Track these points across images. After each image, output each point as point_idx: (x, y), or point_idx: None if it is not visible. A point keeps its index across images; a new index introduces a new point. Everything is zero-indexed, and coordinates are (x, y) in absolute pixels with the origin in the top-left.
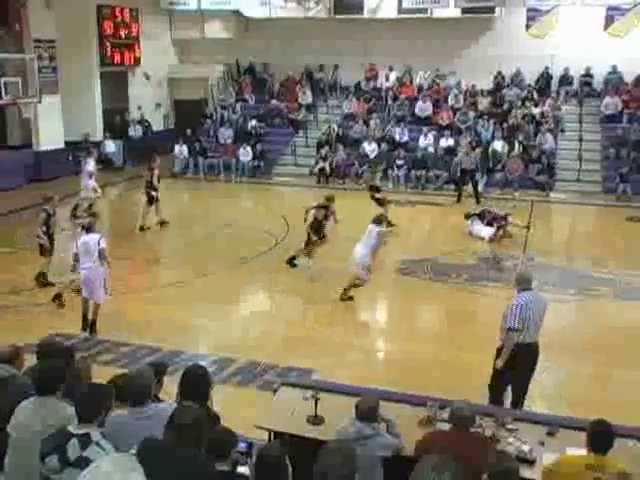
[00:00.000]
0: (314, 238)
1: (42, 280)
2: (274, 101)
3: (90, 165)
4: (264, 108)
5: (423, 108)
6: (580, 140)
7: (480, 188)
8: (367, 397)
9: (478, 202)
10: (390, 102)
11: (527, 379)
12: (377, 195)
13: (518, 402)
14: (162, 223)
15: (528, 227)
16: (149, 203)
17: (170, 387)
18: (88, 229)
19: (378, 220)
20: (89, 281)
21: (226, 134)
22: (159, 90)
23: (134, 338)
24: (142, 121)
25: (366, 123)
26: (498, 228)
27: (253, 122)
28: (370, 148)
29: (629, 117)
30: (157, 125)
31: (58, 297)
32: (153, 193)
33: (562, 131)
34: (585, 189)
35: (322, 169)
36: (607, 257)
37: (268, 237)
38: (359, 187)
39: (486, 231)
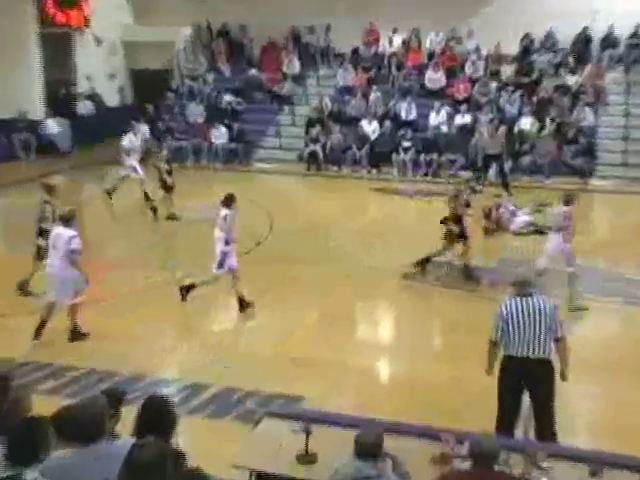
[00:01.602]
0: (455, 229)
1: (24, 290)
2: (254, 71)
3: (125, 140)
4: (242, 80)
5: (434, 79)
6: (627, 115)
7: (506, 172)
8: (368, 430)
9: (509, 193)
10: (394, 72)
11: (542, 404)
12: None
13: (543, 434)
14: (170, 217)
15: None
16: (165, 190)
17: (129, 420)
18: (66, 221)
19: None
20: (54, 280)
21: (196, 111)
22: (113, 57)
23: (84, 360)
24: (92, 96)
25: (365, 97)
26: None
27: (228, 97)
28: (370, 128)
29: None
30: (111, 100)
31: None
32: (168, 180)
33: (605, 105)
34: (632, 174)
35: (313, 153)
36: None
37: (247, 236)
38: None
39: (518, 221)
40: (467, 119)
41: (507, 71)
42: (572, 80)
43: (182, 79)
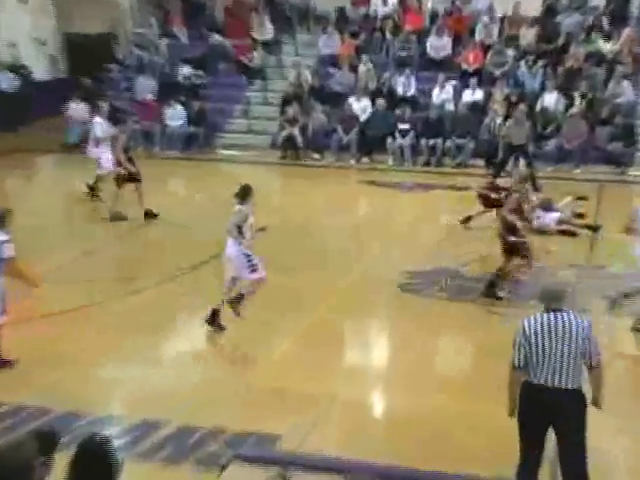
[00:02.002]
0: (511, 239)
1: None
2: (217, 36)
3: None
4: (202, 47)
5: (438, 46)
6: None
7: (523, 161)
8: (359, 476)
9: (536, 189)
10: (389, 38)
11: (571, 443)
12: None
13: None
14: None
15: (595, 228)
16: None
17: (63, 468)
18: None
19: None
20: None
21: (146, 87)
22: (41, 19)
23: (9, 394)
24: (17, 66)
25: (354, 69)
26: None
27: (186, 69)
28: (360, 106)
29: None
30: (41, 72)
31: None
32: (122, 170)
33: None
34: None
35: (290, 138)
36: None
37: (212, 239)
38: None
39: (550, 217)
40: (478, 95)
41: (527, 36)
42: (606, 47)
43: (129, 47)
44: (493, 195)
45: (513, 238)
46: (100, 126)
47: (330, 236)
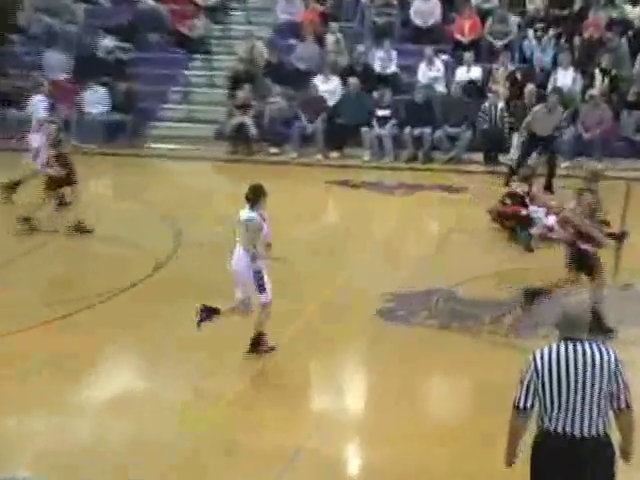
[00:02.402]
0: (583, 247)
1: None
2: (149, 0)
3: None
4: (129, 13)
5: (425, 11)
6: None
7: (533, 156)
8: None
9: (551, 190)
10: (364, 1)
11: None
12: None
13: None
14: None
15: (620, 237)
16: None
17: None
18: None
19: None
20: None
21: (57, 63)
22: None
23: None
24: None
25: (320, 41)
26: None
27: (108, 41)
28: (328, 87)
29: None
30: None
31: None
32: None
33: None
34: None
35: (241, 127)
36: None
37: (140, 255)
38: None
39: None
40: (475, 73)
41: (536, 0)
42: (634, 12)
43: (35, 13)
44: (523, 211)
45: (586, 246)
46: (43, 105)
47: (292, 252)
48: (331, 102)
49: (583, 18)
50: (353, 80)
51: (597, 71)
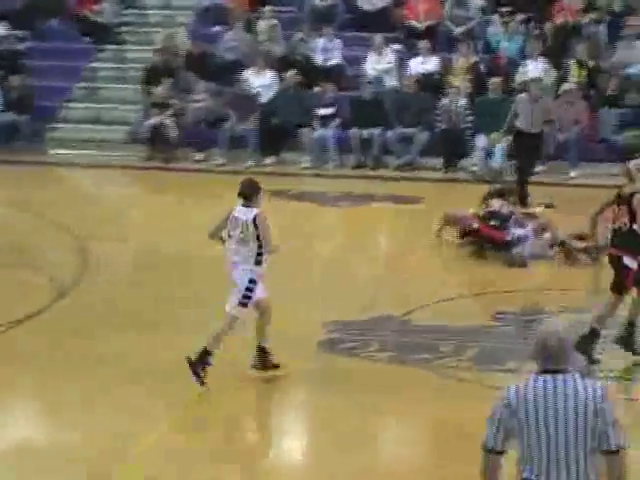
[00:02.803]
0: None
1: None
2: None
3: None
4: None
5: None
6: None
7: (499, 160)
8: None
9: (524, 203)
10: None
11: None
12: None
13: None
14: None
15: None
16: None
17: None
18: None
19: None
20: None
21: None
22: None
23: None
24: None
25: (251, 28)
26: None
27: (0, 28)
28: (261, 82)
29: None
30: None
31: None
32: None
33: None
34: None
35: (159, 129)
36: None
37: (41, 280)
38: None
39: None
40: (432, 64)
41: None
42: None
43: None
44: (507, 237)
45: (629, 262)
46: None
47: (218, 275)
48: (265, 99)
49: (555, 1)
50: (290, 74)
51: (572, 62)
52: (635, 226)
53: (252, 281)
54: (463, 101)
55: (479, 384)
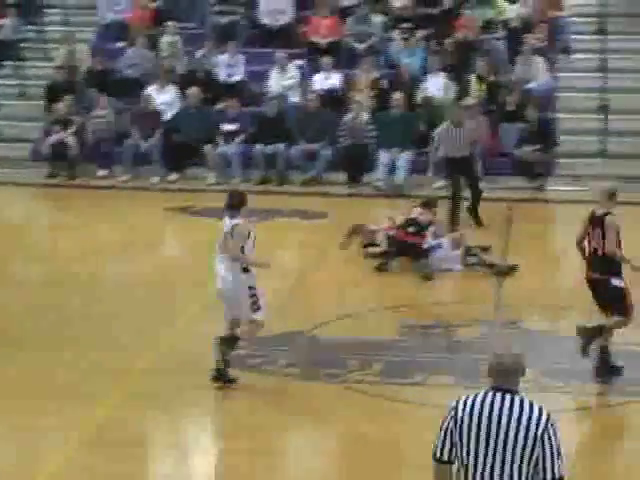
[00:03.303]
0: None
1: None
2: None
3: None
4: None
5: (275, 9)
6: (603, 71)
7: (402, 175)
8: None
9: (478, 223)
10: None
11: None
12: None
13: None
14: None
15: (505, 270)
16: None
17: None
18: None
19: None
20: None
21: None
22: None
23: None
24: None
25: (154, 44)
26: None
27: None
28: (164, 98)
29: None
30: None
31: None
32: None
33: (566, 52)
34: (617, 172)
35: (60, 146)
36: None
37: None
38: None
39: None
40: (335, 81)
41: None
42: (512, 11)
43: None
44: (424, 245)
45: (617, 282)
46: None
47: (121, 294)
48: (168, 116)
49: (455, 17)
50: (193, 90)
51: (472, 77)
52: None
53: (251, 287)
54: (366, 116)
55: (386, 398)
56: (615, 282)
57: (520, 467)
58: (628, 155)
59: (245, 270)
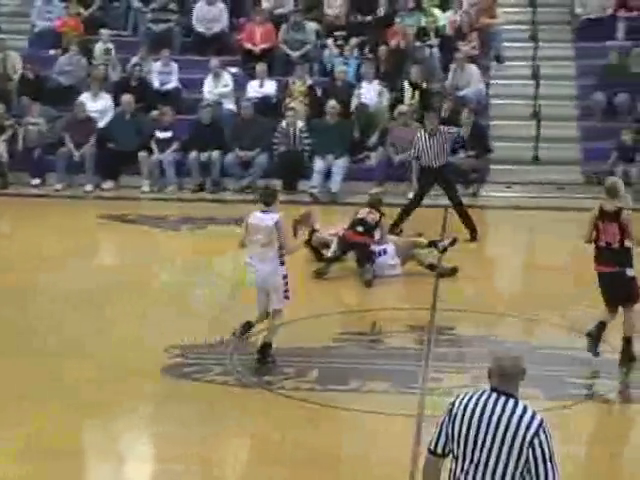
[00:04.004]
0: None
1: None
2: None
3: None
4: None
5: (209, 17)
6: (535, 78)
7: (337, 182)
8: None
9: (474, 237)
10: (137, 4)
11: None
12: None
13: None
14: None
15: (444, 272)
16: None
17: None
18: None
19: None
20: None
21: None
22: None
23: None
24: None
25: (86, 52)
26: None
27: None
28: (97, 106)
29: (628, 25)
30: None
31: None
32: None
33: (498, 60)
34: (550, 178)
35: None
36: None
37: None
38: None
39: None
40: (270, 88)
41: (334, 5)
42: (443, 18)
43: None
44: (373, 246)
45: (631, 273)
46: None
47: (56, 303)
48: (102, 123)
49: (388, 25)
50: (127, 97)
51: (406, 84)
52: (627, 242)
53: (285, 277)
54: (301, 124)
55: (322, 405)
56: (629, 273)
57: (506, 467)
58: (560, 161)
59: (282, 262)
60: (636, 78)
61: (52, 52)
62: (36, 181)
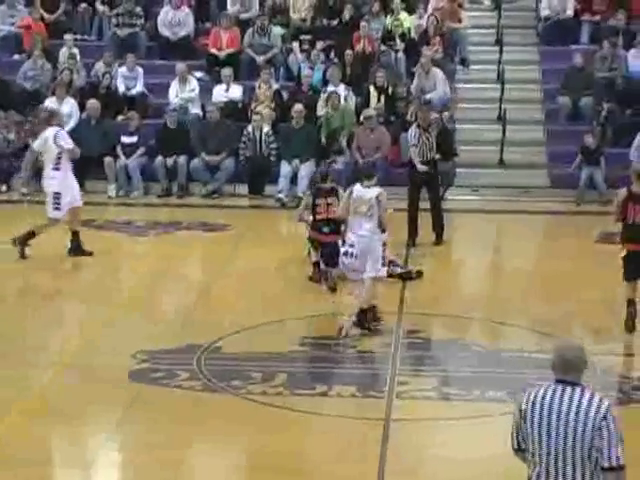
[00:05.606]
0: None
1: None
2: None
3: None
4: None
5: (174, 21)
6: (501, 82)
7: (303, 187)
8: None
9: (439, 240)
10: (103, 9)
11: None
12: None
13: None
14: None
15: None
16: None
17: None
18: None
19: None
20: None
21: None
22: None
23: None
24: None
25: (49, 56)
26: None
27: None
28: (63, 111)
29: (592, 28)
30: None
31: None
32: None
33: (463, 64)
34: (516, 181)
35: None
36: (567, 319)
37: None
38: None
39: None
40: (235, 93)
41: (300, 8)
42: (408, 22)
43: None
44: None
45: None
46: None
47: (21, 309)
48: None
49: (354, 29)
50: (93, 103)
51: (372, 88)
52: None
53: (384, 244)
54: (267, 128)
55: (290, 409)
56: None
57: (582, 455)
58: (525, 165)
59: (383, 230)
60: (600, 81)
61: (16, 57)
62: (2, 187)
